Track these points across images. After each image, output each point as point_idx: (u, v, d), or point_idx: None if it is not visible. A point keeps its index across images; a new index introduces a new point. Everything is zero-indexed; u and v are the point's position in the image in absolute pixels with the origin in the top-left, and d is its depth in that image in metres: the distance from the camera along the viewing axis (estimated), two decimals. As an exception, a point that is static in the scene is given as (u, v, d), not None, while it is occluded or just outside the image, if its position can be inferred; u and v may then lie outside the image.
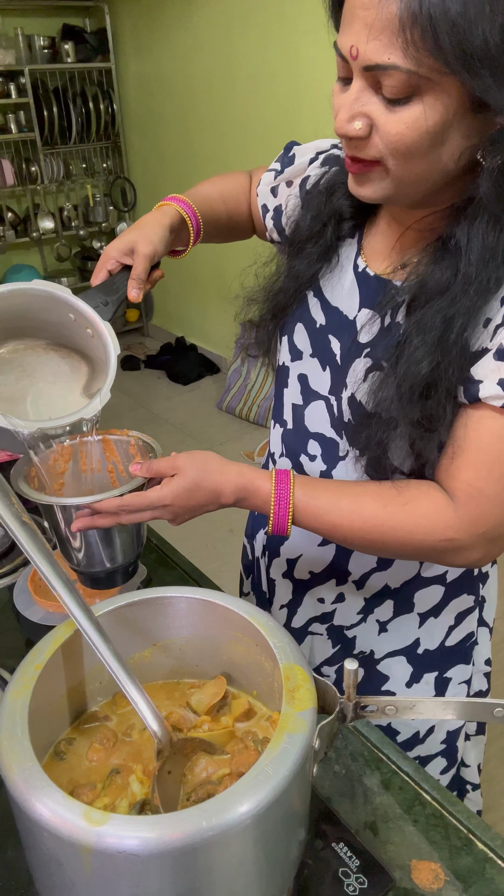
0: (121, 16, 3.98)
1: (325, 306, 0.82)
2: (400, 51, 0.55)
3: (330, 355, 0.82)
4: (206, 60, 3.47)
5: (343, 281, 0.81)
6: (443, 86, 0.57)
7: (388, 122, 0.60)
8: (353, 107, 0.61)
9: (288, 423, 0.90)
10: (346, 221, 0.81)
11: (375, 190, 0.66)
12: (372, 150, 0.63)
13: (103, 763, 0.60)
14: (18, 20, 3.85)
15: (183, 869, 0.45)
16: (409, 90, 0.57)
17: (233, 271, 4.07)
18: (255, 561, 1.02)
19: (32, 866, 0.52)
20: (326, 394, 0.83)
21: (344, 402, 0.80)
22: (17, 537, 0.60)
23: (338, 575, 0.89)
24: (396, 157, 0.62)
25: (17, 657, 0.90)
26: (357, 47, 0.58)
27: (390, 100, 0.59)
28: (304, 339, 0.85)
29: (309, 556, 0.90)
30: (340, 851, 0.63)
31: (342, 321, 0.81)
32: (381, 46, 0.56)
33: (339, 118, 0.62)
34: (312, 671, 0.56)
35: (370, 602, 0.89)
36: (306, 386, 0.86)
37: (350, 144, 0.64)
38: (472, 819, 0.68)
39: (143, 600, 0.64)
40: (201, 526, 2.80)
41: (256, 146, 3.31)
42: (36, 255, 4.50)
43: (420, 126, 0.59)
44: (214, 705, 0.64)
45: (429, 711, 0.57)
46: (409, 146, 0.60)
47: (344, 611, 0.91)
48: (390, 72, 0.56)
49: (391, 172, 0.64)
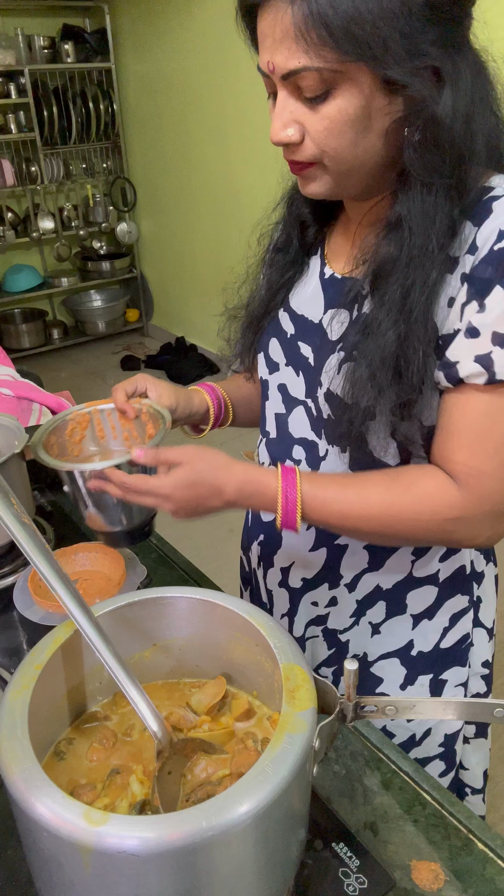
0: (121, 16, 3.98)
1: (293, 316, 0.86)
2: (304, 53, 0.61)
3: (302, 360, 0.84)
4: (206, 60, 3.47)
5: (307, 289, 0.84)
6: (351, 74, 0.61)
7: (314, 121, 0.65)
8: (282, 115, 0.66)
9: (271, 433, 0.92)
10: (309, 228, 0.85)
11: (319, 185, 0.71)
12: (306, 151, 0.68)
13: (103, 763, 0.60)
14: (18, 20, 3.85)
15: (183, 869, 0.45)
16: (325, 86, 0.62)
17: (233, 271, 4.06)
18: (253, 573, 1.02)
19: (32, 866, 0.52)
20: (304, 398, 0.85)
21: (321, 399, 0.81)
22: (17, 537, 0.60)
23: (330, 579, 0.89)
24: (329, 152, 0.66)
25: (17, 657, 0.90)
26: (272, 61, 0.64)
27: (311, 99, 0.64)
28: (277, 350, 0.88)
29: (300, 562, 0.90)
30: (340, 851, 0.63)
31: (308, 326, 0.83)
32: (289, 54, 0.62)
33: (273, 129, 0.67)
34: (312, 671, 0.56)
35: (362, 604, 0.89)
36: (286, 394, 0.88)
37: (288, 150, 0.69)
38: (473, 819, 0.68)
39: (143, 600, 0.64)
40: (201, 526, 2.81)
41: (256, 146, 3.31)
42: (36, 255, 4.50)
43: (343, 116, 0.64)
44: (214, 705, 0.64)
45: (429, 711, 0.57)
46: (338, 138, 0.65)
47: (337, 614, 0.91)
48: (303, 74, 0.62)
49: (328, 167, 0.68)
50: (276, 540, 0.93)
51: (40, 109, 3.85)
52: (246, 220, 0.97)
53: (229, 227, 3.70)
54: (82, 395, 1.10)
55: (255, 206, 0.96)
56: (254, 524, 0.99)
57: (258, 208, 0.95)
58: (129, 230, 4.50)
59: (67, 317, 4.71)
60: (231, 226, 3.69)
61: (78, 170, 4.27)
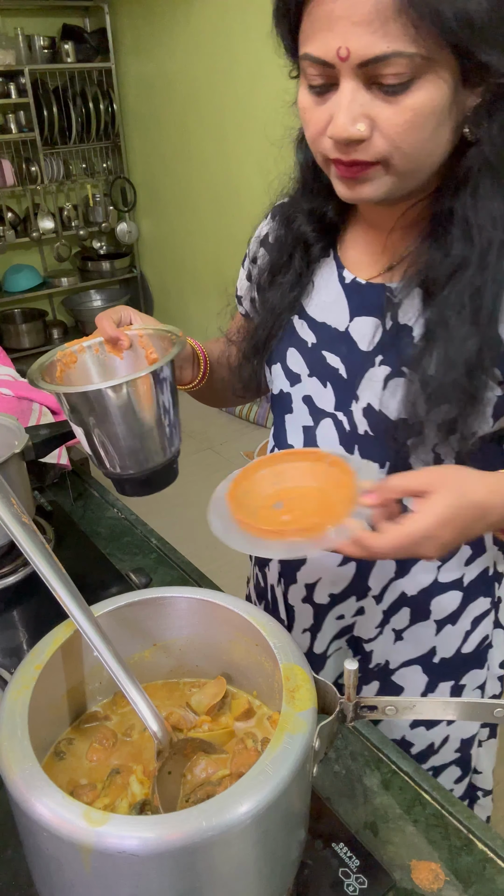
0: (121, 16, 3.98)
1: (312, 325, 0.82)
2: (400, 36, 0.55)
3: (329, 371, 0.80)
4: (206, 60, 3.47)
5: (326, 296, 0.80)
6: (440, 62, 0.57)
7: (392, 116, 0.59)
8: (352, 108, 0.60)
9: (296, 447, 0.87)
10: (312, 246, 0.80)
11: (375, 188, 0.65)
12: (374, 150, 0.61)
13: (103, 763, 0.60)
14: (18, 20, 3.85)
15: (183, 869, 0.45)
16: (411, 74, 0.57)
17: (233, 272, 4.07)
18: (270, 588, 0.98)
19: (32, 866, 0.52)
20: (332, 410, 0.81)
21: (357, 414, 0.78)
22: (17, 537, 0.60)
23: (358, 592, 0.87)
24: (404, 148, 0.61)
25: (17, 657, 0.90)
26: (346, 46, 0.57)
27: (391, 91, 0.58)
28: (298, 361, 0.83)
29: (328, 577, 0.87)
30: (340, 851, 0.63)
31: (333, 335, 0.80)
32: (376, 37, 0.55)
33: (338, 123, 0.60)
34: (312, 671, 0.56)
35: (387, 613, 0.87)
36: (313, 406, 0.83)
37: (346, 149, 0.62)
38: (473, 819, 0.68)
39: (143, 600, 0.64)
40: (201, 526, 2.79)
41: (256, 146, 3.31)
42: (36, 255, 4.50)
43: (426, 109, 0.59)
44: (214, 705, 0.64)
45: (429, 711, 0.56)
46: (418, 133, 0.60)
47: (363, 623, 0.89)
48: (391, 60, 0.56)
49: (395, 166, 0.63)
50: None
51: (40, 109, 3.85)
52: (246, 220, 0.97)
53: (229, 227, 3.70)
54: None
55: (255, 206, 0.96)
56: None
57: (258, 208, 0.95)
58: (129, 230, 4.50)
59: (67, 317, 4.71)
60: (231, 226, 3.68)
61: (78, 170, 4.27)
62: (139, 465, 0.75)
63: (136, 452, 0.74)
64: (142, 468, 0.75)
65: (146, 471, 0.76)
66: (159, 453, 0.76)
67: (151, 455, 0.75)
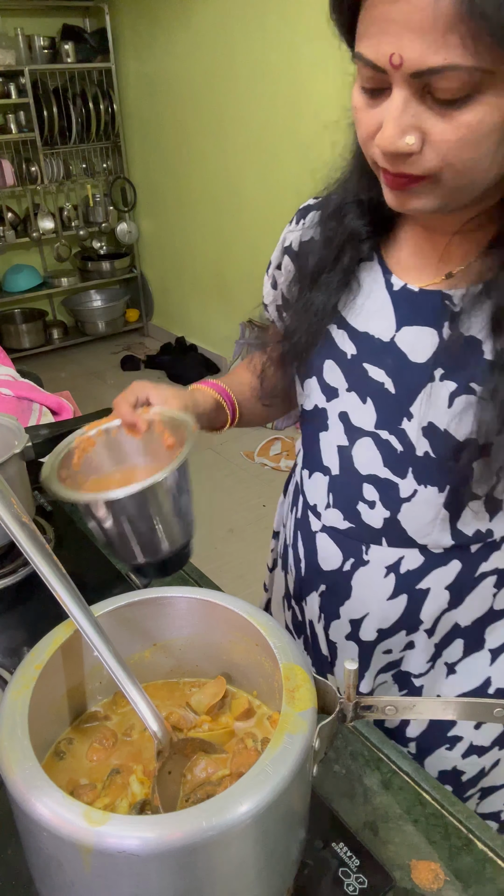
0: (121, 16, 3.98)
1: (352, 335, 0.76)
2: (458, 48, 0.50)
3: (371, 385, 0.75)
4: (206, 60, 3.47)
5: (370, 304, 0.75)
6: (501, 76, 0.52)
7: (446, 131, 0.55)
8: (402, 120, 0.55)
9: (333, 469, 0.81)
10: (363, 242, 0.75)
11: (425, 203, 0.62)
12: (424, 164, 0.57)
13: (103, 763, 0.60)
14: (18, 20, 3.85)
15: (183, 869, 0.45)
16: (468, 88, 0.52)
17: (233, 272, 4.08)
18: (308, 624, 0.92)
19: (32, 866, 0.52)
20: (373, 429, 0.75)
21: (413, 433, 0.72)
22: (17, 537, 0.60)
23: (408, 626, 0.82)
24: (456, 165, 0.57)
25: (17, 657, 0.90)
26: (400, 54, 0.52)
27: (445, 104, 0.53)
28: (336, 374, 0.77)
29: (377, 612, 0.82)
30: (340, 851, 0.63)
31: (376, 346, 0.74)
32: (432, 48, 0.50)
33: (386, 134, 0.56)
34: (313, 671, 0.56)
35: (439, 646, 0.82)
36: (349, 424, 0.78)
37: (397, 161, 0.58)
38: (473, 819, 0.68)
39: (143, 600, 0.64)
40: (201, 526, 2.80)
41: (256, 146, 3.31)
42: (36, 255, 4.50)
43: (483, 127, 0.54)
44: (214, 705, 0.64)
45: (429, 711, 0.56)
46: (472, 151, 0.55)
47: (413, 657, 0.84)
48: (447, 73, 0.51)
49: (444, 182, 0.59)
50: (343, 590, 0.84)
51: (40, 109, 3.85)
52: (246, 220, 0.97)
53: (229, 226, 3.70)
54: (82, 395, 1.09)
55: (254, 206, 0.96)
56: (311, 572, 0.88)
57: (258, 208, 0.95)
58: (129, 230, 4.50)
59: (67, 317, 4.71)
60: (231, 226, 3.68)
61: (78, 170, 4.27)
62: (155, 555, 0.75)
63: (153, 544, 0.74)
64: (157, 557, 0.75)
65: (162, 557, 0.76)
66: (175, 542, 0.75)
67: (168, 545, 0.75)
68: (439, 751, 0.86)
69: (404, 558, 0.79)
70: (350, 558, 0.82)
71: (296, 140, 3.09)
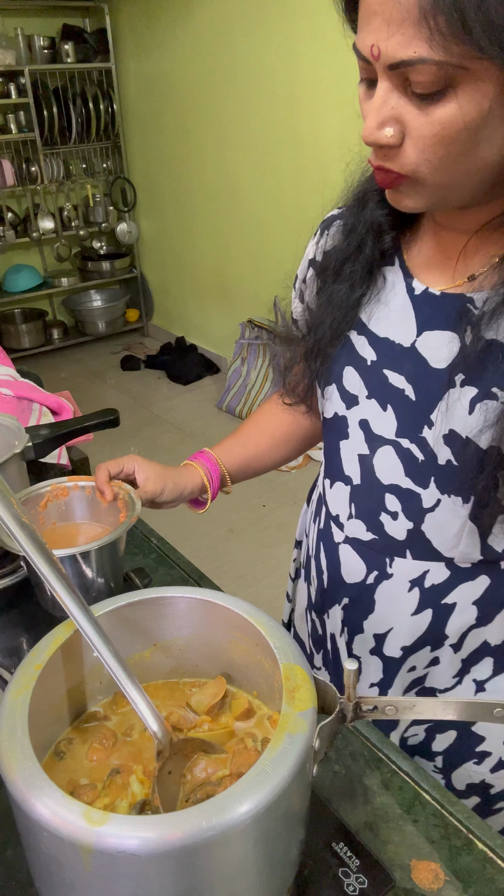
0: (121, 16, 3.99)
1: (372, 340, 0.74)
2: (425, 42, 0.50)
3: (391, 392, 0.73)
4: (206, 60, 3.47)
5: (390, 308, 0.73)
6: (476, 72, 0.51)
7: (423, 126, 0.55)
8: (382, 111, 0.56)
9: (354, 479, 0.79)
10: (385, 234, 0.73)
11: (415, 202, 0.61)
12: (403, 159, 0.57)
13: (103, 763, 0.60)
14: (18, 20, 3.85)
15: (183, 869, 0.45)
16: (442, 83, 0.52)
17: (233, 272, 4.08)
18: (330, 637, 0.91)
19: (32, 866, 0.52)
20: (394, 437, 0.73)
21: (434, 441, 0.70)
22: (17, 537, 0.60)
23: (432, 641, 0.80)
24: (432, 161, 0.56)
25: (17, 657, 0.90)
26: (378, 46, 0.53)
27: (421, 97, 0.54)
28: (356, 381, 0.76)
29: (401, 627, 0.80)
30: (340, 851, 0.63)
31: (396, 351, 0.72)
32: (403, 40, 0.51)
33: (367, 125, 0.56)
34: (312, 671, 0.56)
35: (467, 662, 0.80)
36: (369, 432, 0.76)
37: (379, 154, 0.58)
38: (473, 819, 0.68)
39: (143, 600, 0.64)
40: (201, 526, 2.81)
41: (256, 146, 3.31)
42: (36, 255, 4.50)
43: (458, 123, 0.54)
44: (214, 705, 0.64)
45: (429, 711, 0.56)
46: (446, 148, 0.55)
47: (438, 673, 0.82)
48: (418, 66, 0.51)
49: (425, 180, 0.58)
50: (366, 603, 0.82)
51: (40, 109, 3.85)
52: (245, 220, 0.97)
53: (229, 227, 3.70)
54: (82, 395, 1.10)
55: (254, 206, 0.96)
56: (334, 584, 0.87)
57: (258, 208, 0.95)
58: (129, 230, 4.50)
59: (67, 317, 4.71)
60: (231, 226, 3.68)
61: (78, 170, 4.27)
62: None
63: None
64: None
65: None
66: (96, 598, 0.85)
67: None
68: (467, 765, 0.84)
69: (429, 572, 0.77)
70: (373, 571, 0.81)
71: (295, 140, 3.09)
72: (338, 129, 2.84)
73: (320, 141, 2.98)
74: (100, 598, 0.79)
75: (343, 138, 2.82)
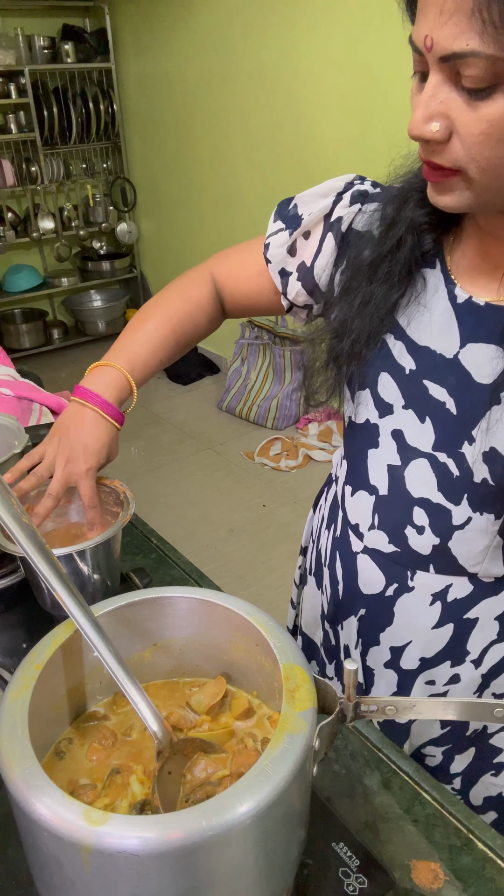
0: (121, 16, 3.98)
1: (411, 348, 0.71)
2: (477, 34, 0.49)
3: (431, 404, 0.70)
4: (206, 60, 3.47)
5: (431, 315, 0.70)
6: None
7: (470, 122, 0.53)
8: (430, 105, 0.54)
9: (380, 489, 0.77)
10: (425, 234, 0.70)
11: (458, 200, 0.60)
12: (451, 155, 0.56)
13: (103, 763, 0.60)
14: (18, 20, 3.85)
15: (183, 869, 0.45)
16: (492, 78, 0.51)
17: (233, 271, 4.06)
18: (344, 649, 0.89)
19: (32, 866, 0.52)
20: (430, 450, 0.71)
21: (473, 458, 0.68)
22: (17, 537, 0.60)
23: (453, 656, 0.78)
24: (480, 162, 0.55)
25: (17, 657, 0.90)
26: (431, 36, 0.52)
27: (471, 92, 0.52)
28: (392, 389, 0.73)
29: (420, 641, 0.79)
30: (340, 851, 0.63)
31: (438, 362, 0.69)
32: (456, 32, 0.50)
33: (414, 118, 0.55)
34: (312, 671, 0.56)
35: (487, 677, 0.79)
36: (403, 443, 0.73)
37: (427, 148, 0.57)
38: (473, 819, 0.68)
39: (143, 600, 0.64)
40: (201, 526, 2.81)
41: (256, 146, 3.31)
42: (36, 255, 4.50)
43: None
44: (214, 705, 0.64)
45: (429, 711, 0.56)
46: (494, 148, 0.54)
47: (458, 691, 0.80)
48: (469, 60, 0.50)
49: (474, 180, 0.57)
50: (384, 615, 0.80)
51: (40, 109, 3.85)
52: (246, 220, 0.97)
53: (229, 226, 3.70)
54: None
55: (254, 206, 0.96)
56: (350, 594, 0.84)
57: (258, 208, 0.95)
58: (129, 230, 4.50)
59: (67, 317, 4.71)
60: (231, 226, 3.68)
61: (78, 170, 4.27)
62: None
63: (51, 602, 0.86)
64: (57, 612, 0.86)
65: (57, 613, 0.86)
66: (96, 595, 0.86)
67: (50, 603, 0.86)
68: (485, 777, 0.84)
69: (452, 586, 0.75)
70: (393, 583, 0.79)
71: (295, 140, 3.09)
72: (338, 129, 2.84)
73: (320, 141, 2.98)
74: (97, 597, 0.80)
75: (343, 138, 2.82)
